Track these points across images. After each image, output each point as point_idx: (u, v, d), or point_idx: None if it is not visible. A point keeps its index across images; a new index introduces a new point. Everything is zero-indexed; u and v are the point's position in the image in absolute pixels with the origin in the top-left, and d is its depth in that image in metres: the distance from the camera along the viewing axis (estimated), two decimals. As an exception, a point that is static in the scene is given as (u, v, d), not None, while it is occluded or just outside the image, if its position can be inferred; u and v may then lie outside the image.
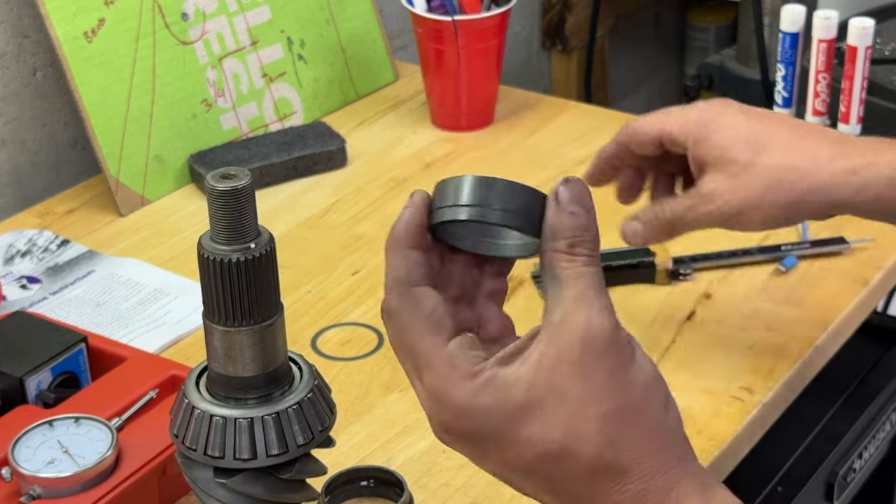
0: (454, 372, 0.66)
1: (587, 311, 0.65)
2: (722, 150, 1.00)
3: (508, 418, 0.65)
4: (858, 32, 1.41)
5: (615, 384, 0.65)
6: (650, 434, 0.65)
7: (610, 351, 0.65)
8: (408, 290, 0.69)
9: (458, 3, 1.49)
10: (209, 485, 0.84)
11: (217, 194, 0.78)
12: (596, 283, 0.66)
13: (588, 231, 0.67)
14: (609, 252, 1.23)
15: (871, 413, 1.34)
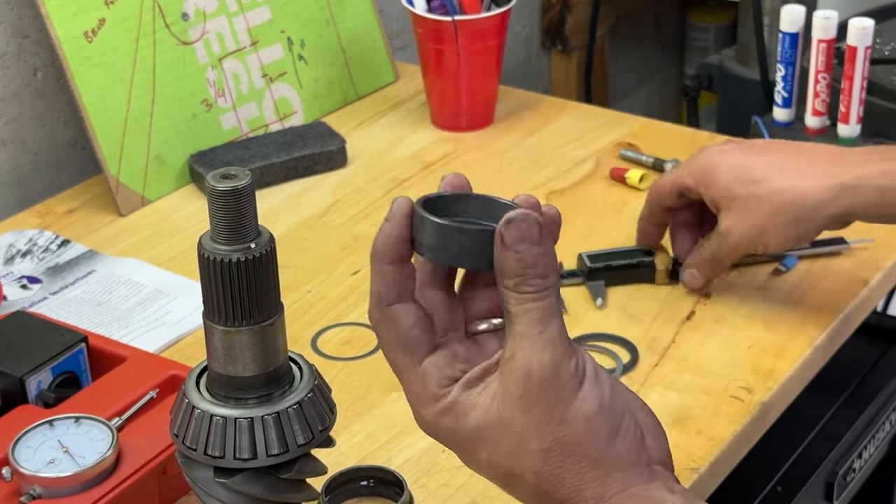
0: (424, 392, 0.73)
1: (529, 349, 0.69)
2: (726, 189, 1.14)
3: (466, 440, 0.72)
4: (858, 32, 1.41)
5: (555, 419, 0.69)
6: (591, 463, 0.69)
7: (549, 387, 0.69)
8: (384, 308, 0.72)
9: (458, 3, 1.49)
10: (209, 484, 0.84)
11: (217, 194, 0.78)
12: (542, 317, 0.69)
13: (533, 267, 0.69)
14: (610, 252, 1.25)
15: (870, 413, 1.34)
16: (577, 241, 1.32)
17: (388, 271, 0.72)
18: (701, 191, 1.16)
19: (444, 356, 0.73)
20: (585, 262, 1.24)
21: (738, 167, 1.14)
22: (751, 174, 1.13)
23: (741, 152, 1.15)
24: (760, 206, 1.12)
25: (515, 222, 0.70)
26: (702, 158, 1.17)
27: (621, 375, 1.12)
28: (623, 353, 1.15)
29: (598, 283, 1.23)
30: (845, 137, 1.46)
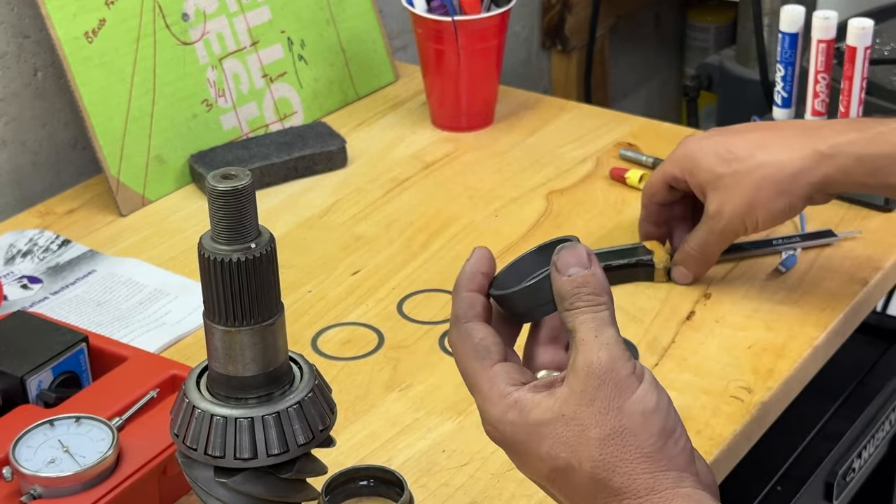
0: (493, 390, 0.78)
1: (588, 350, 0.75)
2: (709, 171, 1.15)
3: (528, 435, 0.76)
4: (858, 33, 1.41)
5: (613, 409, 0.74)
6: (644, 456, 0.73)
7: (608, 380, 0.74)
8: (460, 325, 0.81)
9: (458, 3, 1.49)
10: (210, 484, 0.84)
11: (217, 194, 0.78)
12: (598, 325, 0.76)
13: (585, 286, 0.77)
14: (608, 251, 1.25)
15: (870, 413, 1.34)
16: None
17: (465, 297, 0.81)
18: (687, 178, 1.18)
19: (514, 365, 0.80)
20: None
21: (718, 148, 1.16)
22: (732, 153, 1.15)
23: (720, 135, 1.18)
24: (745, 182, 1.14)
25: (565, 251, 0.78)
26: (683, 147, 1.19)
27: (621, 375, 1.12)
28: (623, 353, 1.15)
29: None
30: (845, 137, 1.46)
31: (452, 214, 1.38)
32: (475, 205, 1.40)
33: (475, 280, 0.82)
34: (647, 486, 0.73)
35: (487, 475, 1.02)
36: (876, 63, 1.58)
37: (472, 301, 0.81)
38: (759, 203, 1.14)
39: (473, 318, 0.81)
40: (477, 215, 1.38)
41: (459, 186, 1.43)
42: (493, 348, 0.79)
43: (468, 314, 0.81)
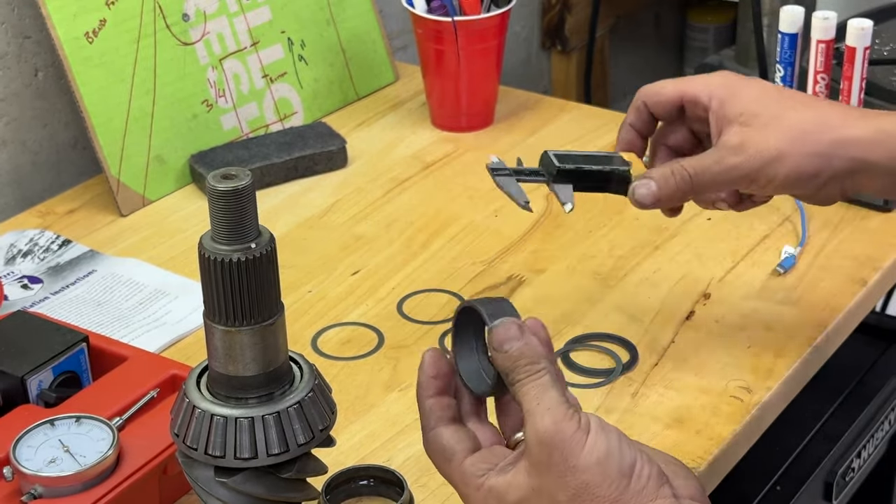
0: (468, 487, 0.81)
1: (534, 419, 0.77)
2: (749, 105, 1.01)
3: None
4: (857, 33, 1.41)
5: (569, 469, 0.76)
6: (613, 502, 0.75)
7: (556, 443, 0.76)
8: (427, 433, 0.84)
9: (458, 3, 1.50)
10: (210, 484, 0.84)
11: (218, 194, 0.78)
12: (538, 392, 0.78)
13: (521, 358, 0.79)
14: (581, 154, 1.07)
15: (869, 412, 1.34)
16: (576, 241, 1.32)
17: (425, 406, 0.84)
18: (712, 106, 1.03)
19: (480, 455, 0.82)
20: (552, 161, 1.06)
21: (767, 88, 1.03)
22: (782, 97, 1.02)
23: (770, 84, 1.04)
24: (787, 128, 1.00)
25: (496, 330, 0.80)
26: (721, 76, 1.05)
27: (621, 375, 1.13)
28: (623, 353, 1.15)
29: (565, 186, 1.05)
30: (844, 138, 1.46)
31: (452, 214, 1.38)
32: (475, 205, 1.40)
33: (431, 386, 0.84)
34: None
35: (487, 475, 1.02)
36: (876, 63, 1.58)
37: (432, 408, 0.84)
38: (790, 156, 0.99)
39: (437, 425, 0.83)
40: (477, 215, 1.38)
41: (459, 186, 1.43)
42: (457, 447, 0.82)
43: (430, 422, 0.84)
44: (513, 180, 1.06)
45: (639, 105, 1.07)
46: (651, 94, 1.06)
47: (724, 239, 1.32)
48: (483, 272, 1.28)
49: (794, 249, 1.28)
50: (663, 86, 1.06)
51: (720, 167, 1.01)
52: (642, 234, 1.33)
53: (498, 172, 1.05)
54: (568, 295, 1.24)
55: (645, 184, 1.03)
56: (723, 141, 1.01)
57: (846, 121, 0.99)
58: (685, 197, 1.03)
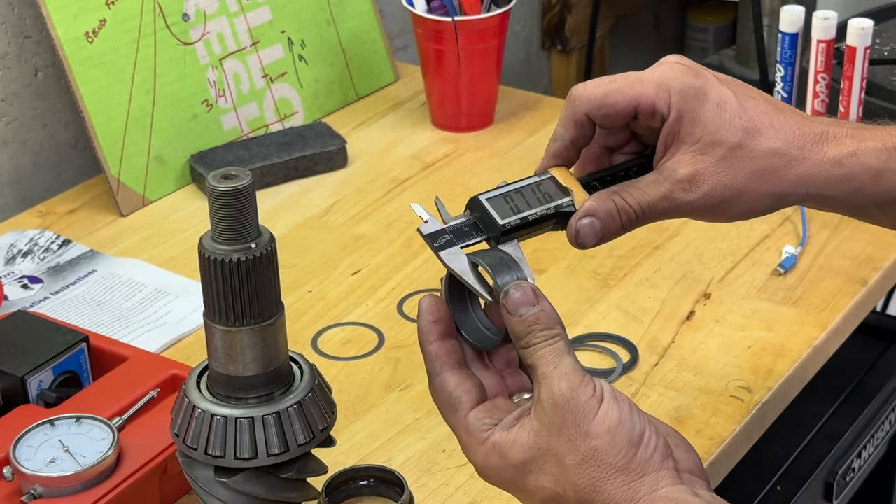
0: (471, 440, 0.81)
1: (550, 383, 0.78)
2: (708, 128, 0.88)
3: (514, 474, 0.79)
4: (857, 33, 1.41)
5: (581, 434, 0.77)
6: (618, 471, 0.76)
7: (571, 408, 0.77)
8: (432, 380, 0.83)
9: (458, 3, 1.50)
10: (210, 484, 0.84)
11: (218, 194, 0.78)
12: (554, 357, 0.78)
13: (537, 323, 0.79)
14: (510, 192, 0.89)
15: (869, 412, 1.34)
16: (576, 241, 1.32)
17: (428, 352, 0.83)
18: (670, 118, 0.89)
19: (485, 408, 0.82)
20: (493, 217, 0.87)
21: (729, 105, 0.89)
22: (748, 118, 0.89)
23: (727, 87, 0.91)
24: (747, 163, 0.89)
25: (510, 294, 0.80)
26: (678, 81, 0.90)
27: (621, 375, 1.13)
28: (623, 353, 1.15)
29: (511, 245, 0.86)
30: (845, 138, 1.46)
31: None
32: (475, 205, 1.40)
33: (433, 331, 0.83)
34: (625, 497, 0.76)
35: (487, 475, 1.02)
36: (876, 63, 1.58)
37: (437, 353, 0.83)
38: (747, 194, 0.89)
39: (442, 370, 0.83)
40: (477, 215, 1.38)
41: (459, 186, 1.43)
42: (463, 397, 0.82)
43: (435, 368, 0.83)
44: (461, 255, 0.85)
45: (580, 118, 0.90)
46: (597, 107, 0.89)
47: (724, 239, 1.32)
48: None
49: (794, 249, 1.28)
50: (609, 95, 0.89)
51: (669, 203, 0.89)
52: (642, 234, 1.33)
53: (438, 241, 0.85)
54: (568, 295, 1.24)
55: (589, 224, 0.89)
56: (671, 168, 0.89)
57: (805, 151, 0.90)
58: (631, 229, 0.91)
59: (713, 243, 1.31)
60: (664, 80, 0.89)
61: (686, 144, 0.89)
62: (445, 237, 0.85)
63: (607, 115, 0.89)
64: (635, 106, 0.89)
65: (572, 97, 0.90)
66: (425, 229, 0.85)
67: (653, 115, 0.89)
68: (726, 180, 0.89)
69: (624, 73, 0.91)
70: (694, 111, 0.88)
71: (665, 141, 0.89)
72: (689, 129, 0.89)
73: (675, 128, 0.89)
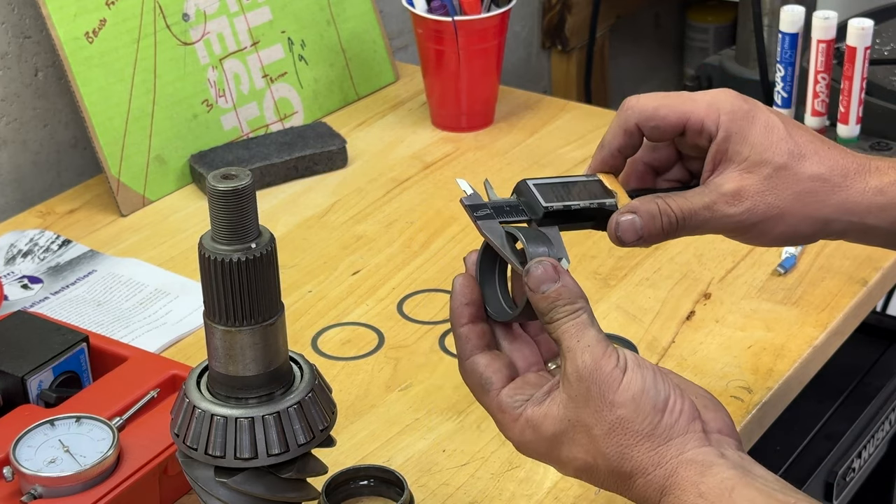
0: (505, 417, 0.83)
1: (574, 356, 0.80)
2: (755, 148, 0.91)
3: (548, 446, 0.82)
4: (857, 33, 1.41)
5: (606, 405, 0.79)
6: (644, 437, 0.79)
7: (595, 379, 0.79)
8: (463, 363, 0.85)
9: (458, 3, 1.50)
10: (210, 484, 0.84)
11: (218, 194, 0.78)
12: (578, 330, 0.81)
13: (559, 299, 0.81)
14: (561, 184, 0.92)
15: (870, 413, 1.34)
16: (576, 241, 1.32)
17: (459, 334, 0.85)
18: (718, 137, 0.91)
19: (516, 385, 0.84)
20: (537, 197, 0.89)
21: (776, 129, 0.91)
22: (794, 143, 0.91)
23: (775, 114, 0.93)
24: (791, 185, 0.91)
25: (531, 271, 0.82)
26: (727, 103, 0.92)
27: (621, 375, 1.13)
28: (623, 353, 1.15)
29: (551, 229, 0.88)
30: (844, 138, 1.47)
31: (452, 214, 1.38)
32: (475, 205, 1.40)
33: (464, 314, 0.86)
34: (652, 463, 0.79)
35: (487, 475, 1.02)
36: (876, 63, 1.58)
37: (467, 335, 0.85)
38: (789, 216, 0.92)
39: (472, 353, 0.85)
40: (477, 215, 1.38)
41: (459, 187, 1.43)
42: (493, 378, 0.84)
43: (466, 351, 0.85)
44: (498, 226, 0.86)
45: (630, 128, 0.94)
46: (648, 118, 0.93)
47: (724, 239, 1.30)
48: (483, 272, 1.27)
49: (794, 249, 1.28)
50: (660, 108, 0.93)
51: (711, 214, 0.92)
52: (642, 234, 1.33)
53: (478, 213, 0.87)
54: (568, 295, 1.24)
55: (630, 221, 0.91)
56: (717, 183, 0.91)
57: (847, 180, 0.92)
58: (667, 238, 0.93)
59: (713, 243, 1.31)
60: (715, 101, 0.92)
61: (733, 163, 0.91)
62: (486, 210, 0.87)
63: (656, 128, 0.92)
64: (685, 122, 0.92)
65: (625, 106, 0.95)
66: (467, 200, 0.87)
67: (700, 133, 0.92)
68: (770, 199, 0.91)
69: (678, 92, 0.94)
70: (742, 131, 0.91)
71: (713, 159, 0.92)
72: (737, 149, 0.91)
73: (724, 146, 0.91)
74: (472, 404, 1.10)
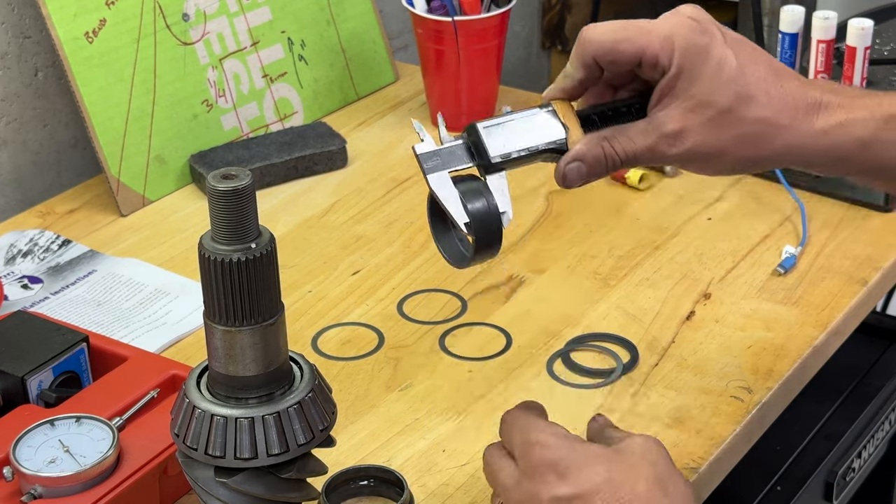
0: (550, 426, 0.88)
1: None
2: (703, 87, 0.91)
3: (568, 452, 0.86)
4: (857, 33, 1.41)
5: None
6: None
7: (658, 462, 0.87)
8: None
9: (458, 3, 1.50)
10: (210, 484, 0.84)
11: (218, 194, 0.78)
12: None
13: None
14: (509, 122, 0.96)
15: (869, 413, 1.34)
16: (576, 241, 1.32)
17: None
18: (671, 73, 0.91)
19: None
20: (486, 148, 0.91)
21: (727, 66, 0.91)
22: (743, 84, 0.91)
23: (730, 47, 0.92)
24: (735, 127, 0.91)
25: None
26: (685, 33, 0.91)
27: (621, 375, 1.13)
28: (623, 353, 1.15)
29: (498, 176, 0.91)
30: (845, 138, 1.46)
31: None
32: (475, 205, 1.40)
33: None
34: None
35: (487, 475, 1.02)
36: (876, 63, 1.58)
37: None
38: (732, 157, 0.92)
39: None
40: (477, 215, 1.38)
41: (459, 186, 1.43)
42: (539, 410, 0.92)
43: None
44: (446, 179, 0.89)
45: (588, 62, 0.93)
46: (605, 53, 0.92)
47: (724, 239, 1.32)
48: (483, 272, 1.28)
49: (794, 249, 1.28)
50: (618, 43, 0.92)
51: (653, 154, 0.93)
52: (642, 234, 1.33)
53: (428, 164, 0.89)
54: (568, 295, 1.24)
55: (576, 168, 0.94)
56: (660, 121, 0.92)
57: (794, 121, 0.92)
58: (612, 173, 0.96)
59: (713, 243, 1.31)
60: (671, 34, 0.91)
61: (679, 99, 0.91)
62: (436, 160, 0.89)
63: (613, 62, 0.92)
64: (640, 56, 0.92)
65: (582, 39, 0.93)
66: (419, 148, 0.89)
67: (655, 67, 0.92)
68: (711, 141, 0.92)
69: (635, 21, 0.93)
70: (692, 69, 0.91)
71: (661, 91, 0.92)
72: (685, 86, 0.91)
73: (672, 83, 0.91)
74: (472, 404, 1.10)
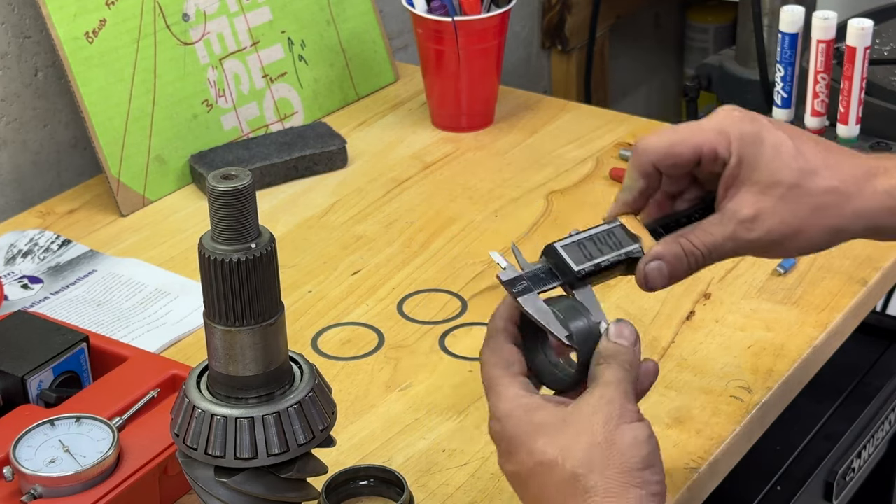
0: (509, 391, 0.86)
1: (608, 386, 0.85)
2: (767, 168, 0.93)
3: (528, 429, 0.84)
4: (857, 33, 1.41)
5: (611, 424, 0.82)
6: (620, 471, 0.81)
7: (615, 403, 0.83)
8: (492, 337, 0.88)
9: (458, 3, 1.50)
10: (210, 484, 0.84)
11: (218, 194, 0.78)
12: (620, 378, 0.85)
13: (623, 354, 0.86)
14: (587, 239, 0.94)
15: (869, 412, 1.34)
16: (576, 241, 1.32)
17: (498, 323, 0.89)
18: (731, 163, 0.93)
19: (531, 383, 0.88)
20: (567, 262, 0.91)
21: (785, 147, 0.93)
22: (804, 160, 0.93)
23: (782, 130, 0.95)
24: (805, 202, 0.93)
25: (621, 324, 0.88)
26: (736, 124, 0.94)
27: (621, 375, 1.13)
28: (623, 353, 1.15)
29: (584, 290, 0.92)
30: (844, 138, 1.47)
31: (452, 214, 1.38)
32: (475, 205, 1.40)
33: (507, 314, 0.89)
34: (613, 492, 0.81)
35: (487, 475, 1.02)
36: (876, 63, 1.58)
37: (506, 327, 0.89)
38: (806, 231, 0.93)
39: (505, 339, 0.88)
40: (477, 215, 1.38)
41: (459, 186, 1.43)
42: (516, 364, 0.87)
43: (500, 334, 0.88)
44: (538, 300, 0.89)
45: (648, 170, 0.95)
46: (663, 157, 0.94)
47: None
48: (483, 272, 1.28)
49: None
50: (674, 146, 0.94)
51: (734, 244, 0.94)
52: (642, 234, 1.33)
53: (516, 288, 0.89)
54: (568, 295, 1.24)
55: (657, 267, 0.94)
56: (733, 209, 0.93)
57: (859, 187, 0.94)
58: (695, 271, 0.96)
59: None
60: (723, 126, 0.94)
61: (746, 186, 0.93)
62: (523, 283, 0.89)
63: (674, 165, 0.94)
64: (699, 153, 0.93)
65: (638, 150, 0.95)
66: (504, 276, 0.89)
67: (715, 160, 0.93)
68: (787, 218, 0.93)
69: (684, 123, 0.96)
70: (752, 155, 0.93)
71: (726, 183, 0.93)
72: (748, 173, 0.93)
73: (736, 171, 0.93)
74: (472, 404, 1.10)
